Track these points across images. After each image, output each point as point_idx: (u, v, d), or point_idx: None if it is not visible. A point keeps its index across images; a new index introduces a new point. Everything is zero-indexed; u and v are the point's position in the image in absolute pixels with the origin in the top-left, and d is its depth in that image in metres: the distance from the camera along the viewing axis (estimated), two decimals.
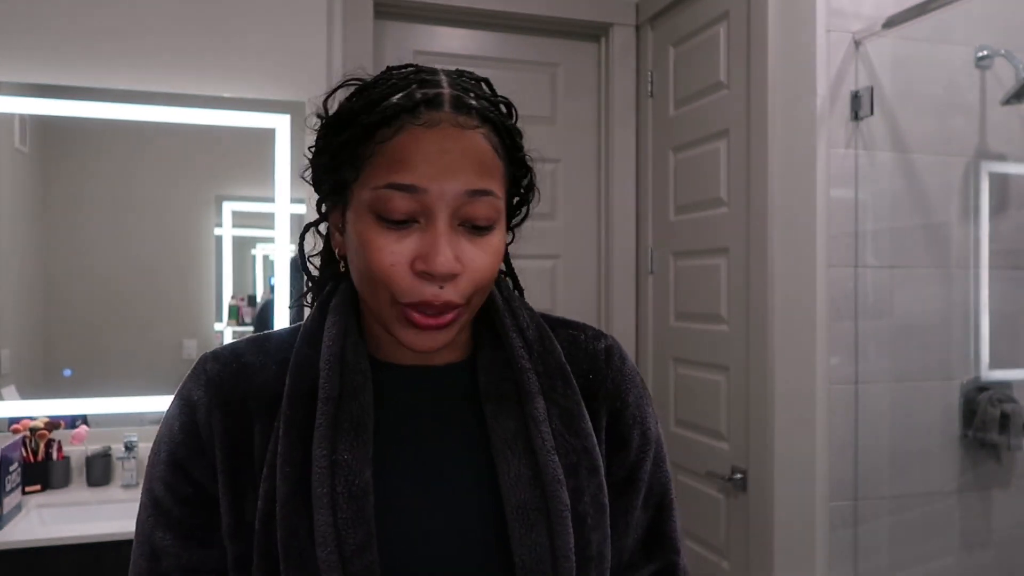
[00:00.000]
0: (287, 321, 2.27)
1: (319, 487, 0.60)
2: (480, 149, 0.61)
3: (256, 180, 2.29)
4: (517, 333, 0.70)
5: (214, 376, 0.67)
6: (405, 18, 2.47)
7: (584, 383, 0.71)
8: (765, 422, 1.82)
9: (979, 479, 1.83)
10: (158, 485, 0.67)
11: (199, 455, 0.66)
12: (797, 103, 1.77)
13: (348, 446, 0.62)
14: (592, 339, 0.75)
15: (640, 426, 0.73)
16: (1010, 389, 1.82)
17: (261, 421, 0.65)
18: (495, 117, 0.63)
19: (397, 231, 0.60)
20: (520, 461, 0.65)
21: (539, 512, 0.63)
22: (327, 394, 0.63)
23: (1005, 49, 1.78)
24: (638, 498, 0.73)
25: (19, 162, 2.13)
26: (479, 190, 0.61)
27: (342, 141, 0.63)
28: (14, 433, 1.99)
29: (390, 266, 0.60)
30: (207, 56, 2.22)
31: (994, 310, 1.84)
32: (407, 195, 0.59)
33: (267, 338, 0.71)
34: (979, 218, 1.84)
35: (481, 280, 0.62)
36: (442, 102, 0.61)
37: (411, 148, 0.59)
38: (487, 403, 0.67)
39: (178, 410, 0.67)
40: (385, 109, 0.60)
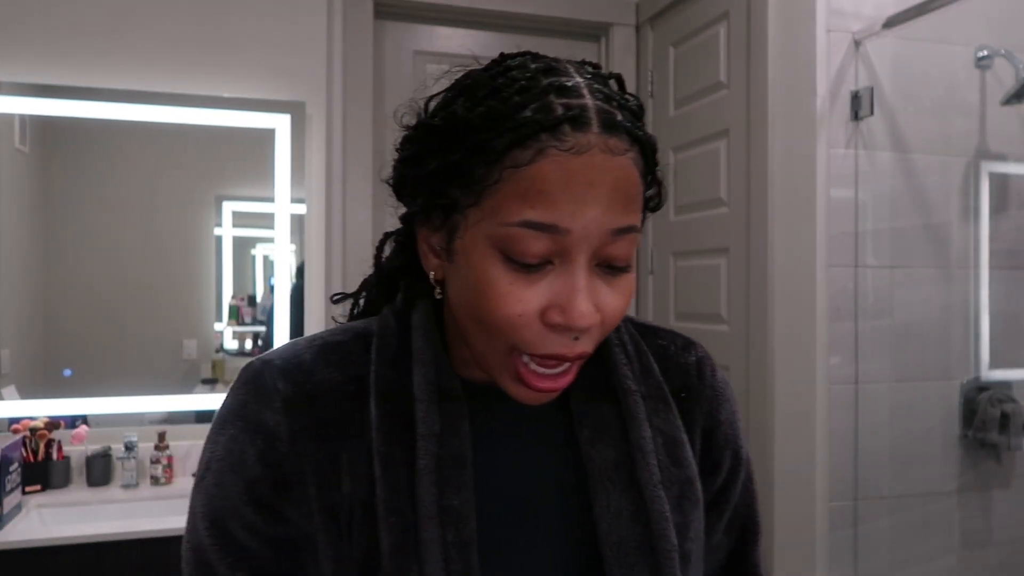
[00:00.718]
0: (287, 321, 2.27)
1: (429, 539, 0.54)
2: (630, 179, 0.52)
3: (256, 180, 2.29)
4: (620, 348, 0.62)
5: (290, 397, 0.57)
6: (405, 18, 2.47)
7: (677, 400, 0.64)
8: (765, 422, 1.82)
9: (979, 479, 1.83)
10: (235, 524, 0.56)
11: (287, 490, 0.56)
12: (797, 103, 1.77)
13: (455, 489, 0.55)
14: (683, 350, 0.68)
15: (732, 446, 0.67)
16: (1010, 389, 1.82)
17: (348, 452, 0.57)
18: (644, 137, 0.54)
19: (528, 275, 0.51)
20: (621, 495, 0.58)
21: (640, 551, 0.57)
22: (428, 430, 0.56)
23: (1005, 49, 1.78)
24: (721, 522, 0.68)
25: (19, 162, 2.13)
26: (626, 227, 0.52)
27: (457, 159, 0.53)
28: (14, 433, 1.99)
29: (518, 316, 0.51)
30: (207, 56, 2.22)
31: (994, 310, 1.84)
32: (544, 235, 0.50)
33: (334, 348, 0.61)
34: (979, 218, 1.84)
35: (612, 325, 0.55)
36: (589, 121, 0.50)
37: (554, 180, 0.49)
38: (582, 427, 0.60)
39: (246, 435, 0.57)
40: (520, 127, 0.50)
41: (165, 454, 2.06)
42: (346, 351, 0.61)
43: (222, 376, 2.28)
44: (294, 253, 2.31)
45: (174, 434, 2.12)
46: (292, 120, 2.27)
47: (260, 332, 2.32)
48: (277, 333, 2.27)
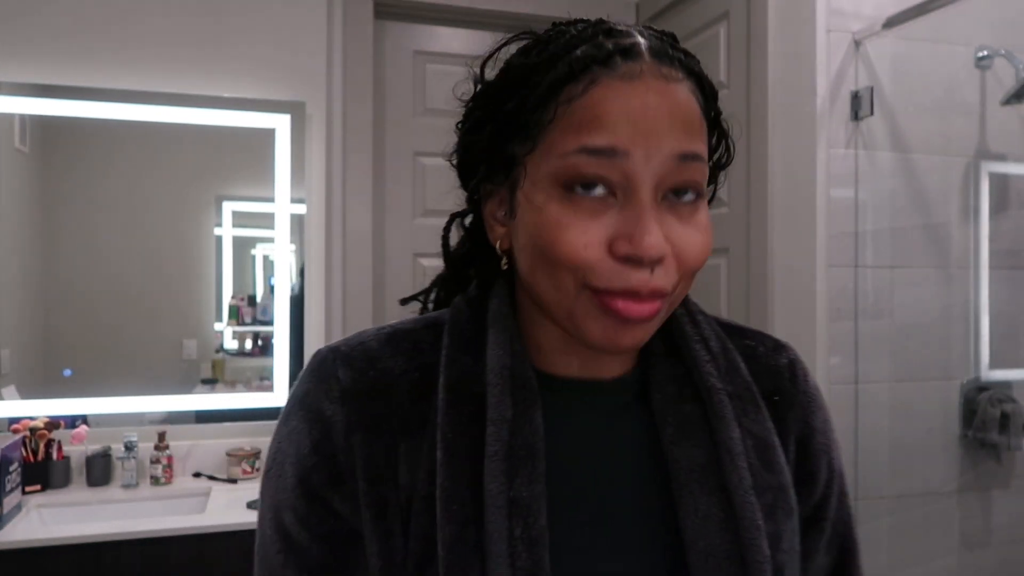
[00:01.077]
0: (287, 321, 2.27)
1: (495, 531, 0.50)
2: (689, 106, 0.50)
3: (256, 180, 2.29)
4: (702, 344, 0.59)
5: (349, 386, 0.55)
6: (405, 18, 2.47)
7: (768, 404, 0.60)
8: None
9: (979, 479, 1.83)
10: (288, 517, 0.55)
11: (338, 483, 0.54)
12: (797, 103, 1.77)
13: (525, 480, 0.51)
14: (773, 352, 0.64)
15: (827, 455, 0.62)
16: (1010, 389, 1.82)
17: (407, 442, 0.54)
18: (700, 70, 0.53)
19: (590, 206, 0.49)
20: (709, 499, 0.54)
21: (730, 561, 0.53)
22: (499, 415, 0.52)
23: (1005, 49, 1.78)
24: (822, 540, 0.62)
25: (19, 162, 2.13)
26: (690, 154, 0.50)
27: (512, 108, 0.52)
28: (14, 433, 1.99)
29: (583, 248, 0.49)
30: (207, 56, 2.22)
31: (994, 310, 1.84)
32: (604, 161, 0.48)
33: (403, 336, 0.59)
34: (979, 218, 1.84)
35: (692, 264, 0.52)
36: (640, 51, 0.50)
37: (608, 104, 0.48)
38: (665, 425, 0.56)
39: (306, 424, 0.55)
40: (572, 62, 0.50)
41: (165, 454, 2.06)
42: (415, 339, 0.59)
43: (222, 376, 2.28)
44: (294, 253, 2.31)
45: (174, 434, 2.12)
46: (292, 120, 2.27)
47: (260, 332, 2.32)
48: (277, 333, 2.28)
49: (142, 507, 1.96)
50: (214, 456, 2.16)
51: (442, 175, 2.57)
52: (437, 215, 2.51)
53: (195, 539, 1.73)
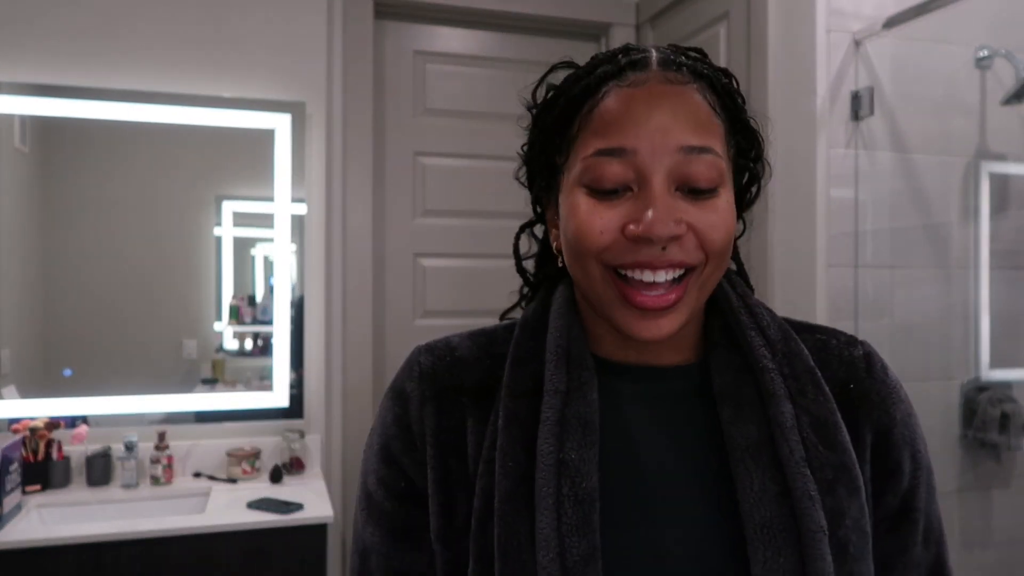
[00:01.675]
0: (287, 321, 2.27)
1: (543, 486, 0.55)
2: (694, 104, 0.56)
3: (256, 180, 2.29)
4: (757, 332, 0.62)
5: (427, 369, 0.64)
6: (405, 18, 2.47)
7: (841, 393, 0.62)
8: None
9: (979, 479, 1.83)
10: (371, 479, 0.65)
11: (411, 449, 0.62)
12: (797, 103, 1.77)
13: (575, 445, 0.56)
14: (846, 344, 0.67)
15: (911, 447, 0.63)
16: (1010, 389, 1.82)
17: (474, 416, 0.61)
18: (709, 73, 0.58)
19: (608, 200, 0.55)
20: (764, 474, 0.56)
21: (787, 533, 0.55)
22: (554, 387, 0.58)
23: (1005, 49, 1.78)
24: (917, 532, 0.63)
25: (19, 162, 2.13)
26: (696, 147, 0.55)
27: (549, 124, 0.60)
28: (14, 433, 1.99)
29: (600, 233, 0.55)
30: (207, 56, 2.22)
31: (994, 310, 1.84)
32: (617, 160, 0.55)
33: (482, 332, 0.67)
34: (979, 218, 1.84)
35: (712, 242, 0.55)
36: (648, 62, 0.57)
37: (617, 109, 0.55)
38: (723, 407, 0.60)
39: (391, 402, 0.65)
40: (591, 79, 0.57)
41: (165, 454, 2.06)
42: (492, 334, 0.67)
43: (222, 376, 2.28)
44: (294, 253, 2.31)
45: (174, 434, 2.12)
46: (292, 120, 2.27)
47: (260, 332, 2.32)
48: (277, 333, 2.28)
49: (142, 507, 1.96)
50: (214, 456, 2.16)
51: (442, 175, 2.59)
52: (437, 215, 2.52)
53: (195, 539, 1.73)
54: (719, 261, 0.57)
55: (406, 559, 0.63)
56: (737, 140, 0.61)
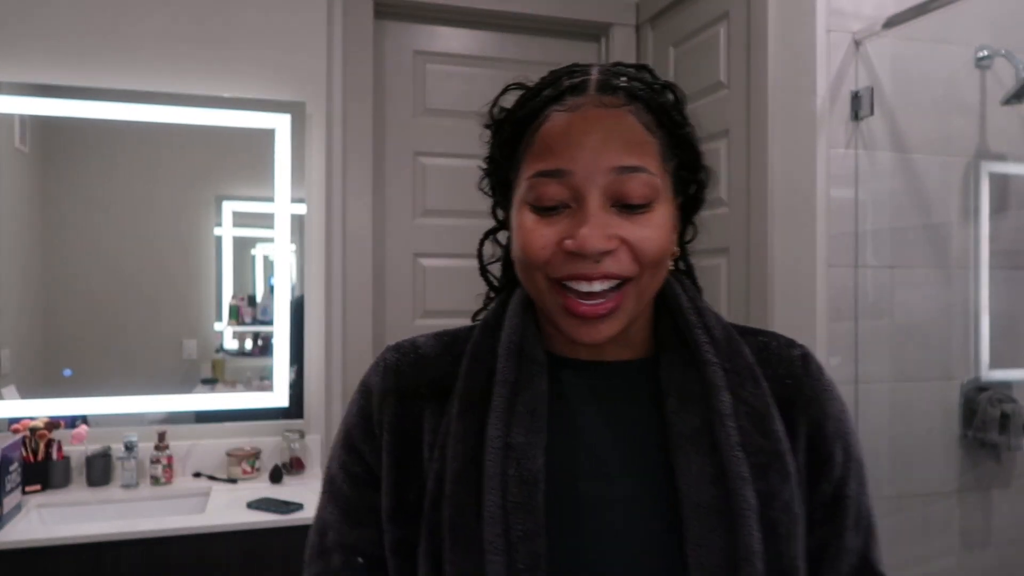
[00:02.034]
0: (287, 322, 2.27)
1: (491, 467, 0.60)
2: (626, 126, 0.60)
3: (256, 180, 2.29)
4: (703, 330, 0.67)
5: (392, 364, 0.70)
6: (405, 18, 2.47)
7: (779, 388, 0.66)
8: None
9: (979, 479, 1.83)
10: (335, 464, 0.71)
11: (371, 438, 0.68)
12: (797, 103, 1.77)
13: (522, 431, 0.61)
14: (785, 346, 0.71)
15: (843, 440, 0.68)
16: (1010, 389, 1.82)
17: (432, 408, 0.66)
18: (645, 95, 0.62)
19: (549, 217, 0.60)
20: (702, 458, 0.61)
21: (721, 513, 0.59)
22: (504, 378, 0.63)
23: (1005, 49, 1.78)
24: (848, 518, 0.67)
25: (19, 162, 2.13)
26: (628, 167, 0.59)
27: (500, 143, 0.66)
28: (14, 433, 1.99)
29: (541, 248, 0.60)
30: (207, 56, 2.22)
31: (994, 310, 1.84)
32: (555, 180, 0.59)
33: (447, 332, 0.73)
34: (979, 218, 1.84)
35: (645, 255, 0.60)
36: (587, 87, 0.61)
37: (555, 133, 0.60)
38: (669, 398, 0.64)
39: (358, 395, 0.71)
40: (535, 103, 0.62)
41: (165, 454, 2.06)
42: (456, 334, 0.72)
43: (222, 376, 2.28)
44: (294, 253, 2.31)
45: (174, 434, 2.12)
46: (292, 120, 2.27)
47: (260, 332, 2.32)
48: (277, 333, 2.28)
49: (142, 507, 1.96)
50: (214, 456, 2.16)
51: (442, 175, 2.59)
52: (437, 215, 2.52)
53: (195, 539, 1.73)
54: (654, 271, 0.62)
55: (358, 536, 0.67)
56: (677, 153, 0.64)
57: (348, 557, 0.67)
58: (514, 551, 0.58)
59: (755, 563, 0.58)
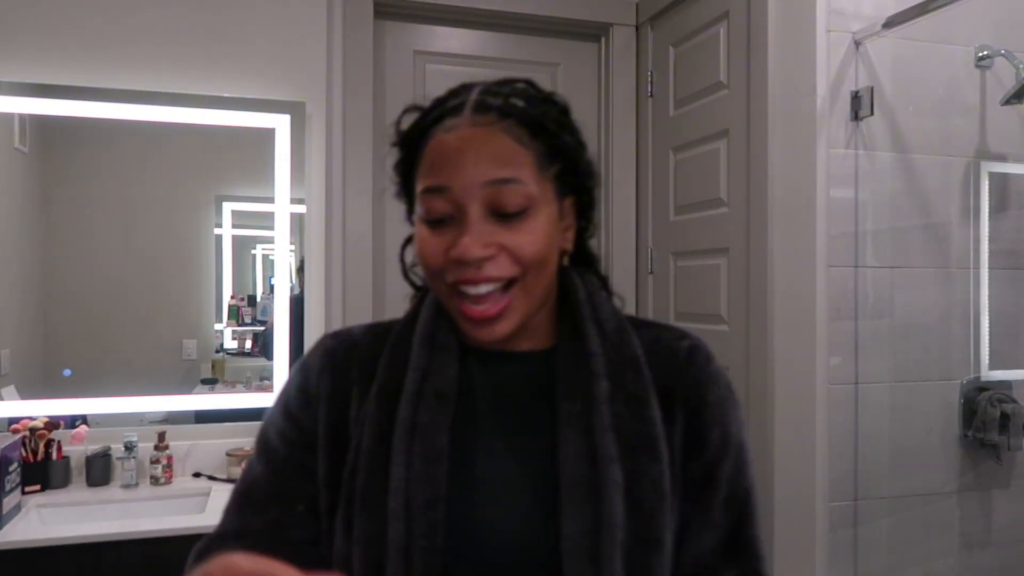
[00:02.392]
0: (287, 322, 2.28)
1: (398, 444, 0.67)
2: (497, 143, 0.66)
3: (256, 180, 2.29)
4: (594, 324, 0.73)
5: (330, 347, 0.77)
6: (405, 18, 2.47)
7: (662, 378, 0.72)
8: (765, 422, 1.82)
9: (979, 479, 1.83)
10: (271, 430, 0.76)
11: (308, 407, 0.75)
12: (797, 103, 1.77)
13: (429, 412, 0.69)
14: (676, 338, 0.76)
15: (720, 426, 0.73)
16: (1010, 389, 1.82)
17: (359, 387, 0.73)
18: (517, 111, 0.67)
19: (438, 229, 0.67)
20: (579, 439, 0.68)
21: (591, 488, 0.66)
22: (416, 364, 0.71)
23: (1005, 49, 1.78)
24: (716, 498, 0.73)
25: (19, 162, 2.13)
26: (499, 179, 0.65)
27: (401, 160, 0.72)
28: (14, 433, 1.99)
29: (432, 256, 0.68)
30: (207, 56, 2.22)
31: (994, 310, 1.84)
32: (439, 196, 0.66)
33: (380, 324, 0.80)
34: (979, 218, 1.84)
35: (523, 257, 0.66)
36: (463, 108, 0.68)
37: (436, 154, 0.67)
38: (559, 385, 0.71)
39: (297, 373, 0.78)
40: (420, 126, 0.69)
41: (165, 454, 2.06)
42: (388, 326, 0.78)
43: (222, 376, 2.28)
44: (294, 253, 2.31)
45: (174, 434, 2.12)
46: (292, 120, 2.27)
47: (260, 332, 2.32)
48: (277, 333, 2.27)
49: (142, 507, 1.96)
50: (214, 456, 2.16)
51: None
52: None
53: (195, 539, 1.71)
54: (538, 271, 0.68)
55: (294, 486, 0.74)
56: (557, 160, 0.69)
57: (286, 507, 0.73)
58: (414, 520, 0.65)
59: (616, 534, 0.65)
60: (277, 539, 0.73)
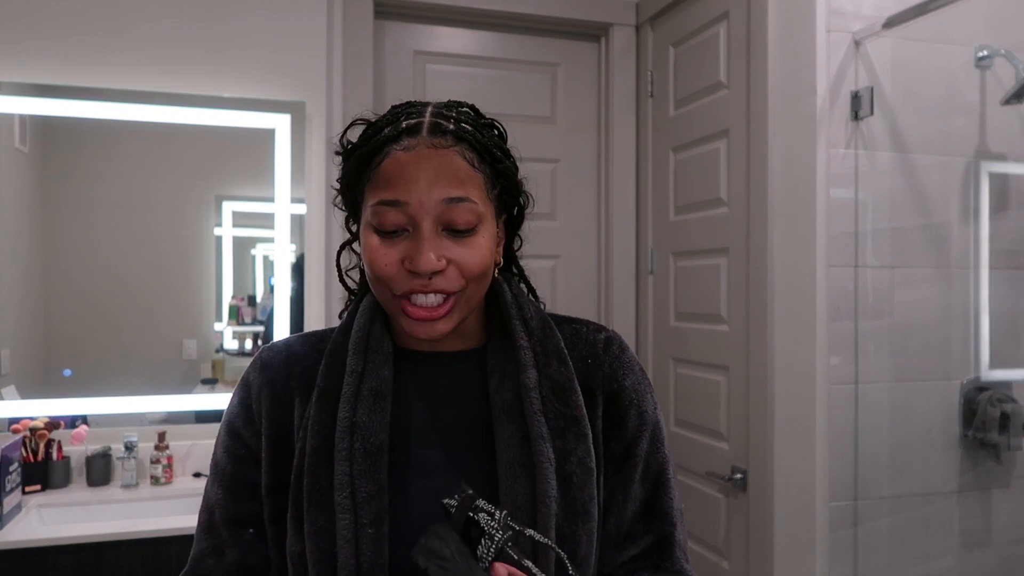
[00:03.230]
0: (287, 318, 2.28)
1: (340, 442, 0.72)
2: (454, 165, 0.71)
3: (256, 180, 2.29)
4: (520, 321, 0.80)
5: (267, 361, 0.81)
6: (405, 18, 2.47)
7: (582, 367, 0.80)
8: (765, 422, 1.82)
9: (979, 479, 1.83)
10: (219, 449, 0.81)
11: (250, 423, 0.79)
12: (797, 103, 1.77)
13: (367, 411, 0.74)
14: (593, 331, 0.84)
15: (636, 408, 0.81)
16: (1010, 389, 1.82)
17: (300, 396, 0.78)
18: (469, 136, 0.73)
19: (390, 239, 0.72)
20: (513, 424, 0.75)
21: (525, 467, 0.73)
22: (352, 368, 0.76)
23: (1005, 49, 1.78)
24: (635, 472, 0.80)
25: (19, 162, 2.13)
26: (455, 198, 0.71)
27: (349, 171, 0.76)
28: (14, 433, 1.99)
29: (385, 266, 0.72)
30: (207, 56, 2.22)
31: (994, 310, 1.84)
32: (395, 209, 0.71)
33: (315, 333, 0.85)
34: (979, 218, 1.84)
35: (470, 271, 0.72)
36: (420, 129, 0.72)
37: (393, 170, 0.71)
38: (491, 378, 0.78)
39: (239, 389, 0.82)
40: (376, 141, 0.73)
41: (165, 454, 2.06)
42: (323, 334, 0.84)
43: (222, 376, 2.28)
44: (294, 253, 2.31)
45: (174, 434, 2.12)
46: (292, 120, 2.27)
47: (260, 332, 2.32)
48: (277, 333, 2.27)
49: (142, 507, 1.96)
50: None
51: None
52: None
53: None
54: (479, 283, 0.74)
55: (242, 509, 0.78)
56: (500, 182, 0.76)
57: (236, 530, 0.78)
58: (360, 510, 0.70)
59: (551, 505, 0.72)
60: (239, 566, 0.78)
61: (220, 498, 0.79)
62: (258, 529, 0.78)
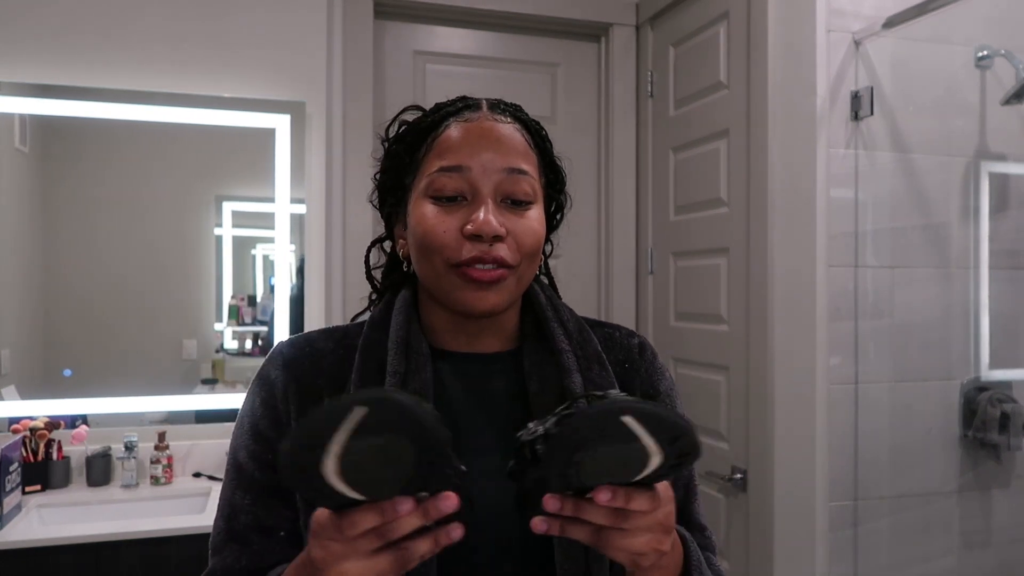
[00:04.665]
0: (287, 318, 2.28)
1: None
2: (516, 137, 0.73)
3: (256, 180, 2.29)
4: (558, 324, 0.79)
5: (289, 358, 0.77)
6: (405, 18, 2.47)
7: (620, 371, 0.80)
8: (765, 422, 1.82)
9: (979, 479, 1.83)
10: (242, 454, 0.76)
11: (278, 425, 0.75)
12: (797, 103, 1.77)
13: None
14: (626, 336, 0.85)
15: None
16: (1010, 389, 1.82)
17: (331, 395, 0.73)
18: (526, 118, 0.76)
19: (448, 207, 0.71)
20: None
21: None
22: (394, 369, 0.73)
23: (1005, 49, 1.78)
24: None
25: (19, 162, 2.13)
26: (516, 168, 0.72)
27: (401, 151, 0.76)
28: (14, 433, 1.99)
29: (443, 233, 0.70)
30: (207, 56, 2.22)
31: (994, 310, 1.84)
32: (455, 175, 0.70)
33: (337, 328, 0.82)
34: (979, 218, 1.84)
35: (525, 244, 0.72)
36: (480, 105, 0.75)
37: (455, 137, 0.72)
38: (531, 382, 0.76)
39: (258, 388, 0.77)
40: (436, 116, 0.74)
41: (165, 454, 2.06)
42: (345, 331, 0.81)
43: (222, 376, 2.28)
44: (294, 253, 2.31)
45: (174, 434, 2.12)
46: (292, 120, 2.27)
47: (260, 332, 2.32)
48: (277, 333, 2.27)
49: (142, 507, 1.96)
50: (214, 456, 2.16)
51: None
52: None
53: (195, 539, 1.73)
54: (531, 260, 0.73)
55: (274, 515, 0.74)
56: (547, 173, 0.78)
57: (268, 536, 0.74)
58: None
59: None
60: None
61: (249, 504, 0.75)
62: (289, 532, 0.75)
